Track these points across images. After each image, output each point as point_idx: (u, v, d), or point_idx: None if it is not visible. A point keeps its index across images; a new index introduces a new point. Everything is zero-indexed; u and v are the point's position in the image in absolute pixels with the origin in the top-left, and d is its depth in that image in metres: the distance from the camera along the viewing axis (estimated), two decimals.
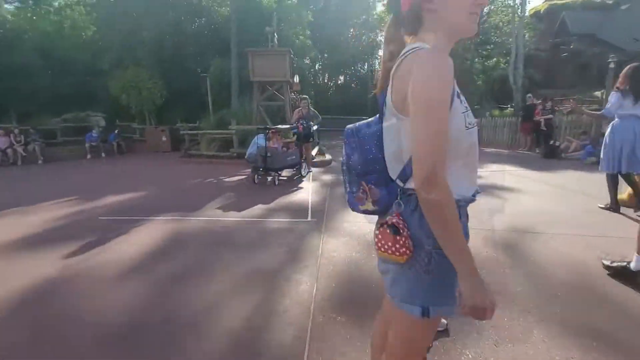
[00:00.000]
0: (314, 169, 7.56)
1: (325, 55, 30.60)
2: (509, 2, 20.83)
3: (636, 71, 3.48)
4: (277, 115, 10.86)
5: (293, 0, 16.71)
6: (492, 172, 6.88)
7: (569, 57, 25.79)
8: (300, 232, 3.55)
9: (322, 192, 5.39)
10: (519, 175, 6.48)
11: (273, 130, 6.30)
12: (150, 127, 13.23)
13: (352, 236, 3.37)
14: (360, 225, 3.64)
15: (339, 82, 34.38)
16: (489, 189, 5.27)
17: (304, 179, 6.56)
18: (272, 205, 4.66)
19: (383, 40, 1.01)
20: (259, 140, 6.34)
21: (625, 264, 2.41)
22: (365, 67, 32.11)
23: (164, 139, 12.69)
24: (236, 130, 9.11)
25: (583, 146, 8.95)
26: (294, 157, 6.51)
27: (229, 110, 10.93)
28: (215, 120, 10.86)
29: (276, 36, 9.61)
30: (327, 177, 6.81)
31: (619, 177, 3.77)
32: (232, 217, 4.14)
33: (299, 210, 4.35)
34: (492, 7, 22.23)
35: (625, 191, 3.93)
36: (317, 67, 32.64)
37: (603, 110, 3.68)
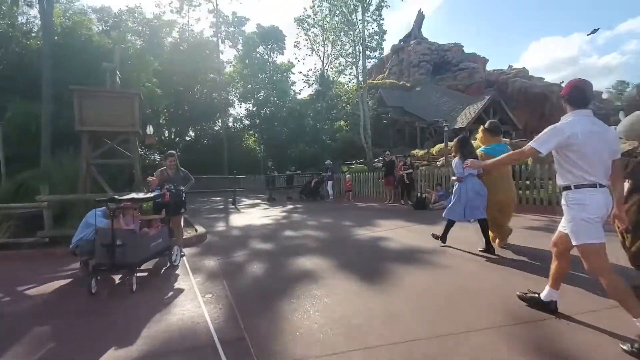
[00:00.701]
0: (185, 250, 5.42)
1: (171, 109, 27.99)
2: (351, 75, 24.14)
3: (461, 142, 4.76)
4: (119, 179, 8.06)
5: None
6: (393, 230, 6.51)
7: (388, 123, 31.82)
8: None
9: (220, 295, 3.49)
10: (415, 231, 6.29)
11: (127, 202, 4.04)
12: None
13: None
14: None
15: (188, 138, 31.83)
16: (420, 254, 4.63)
17: (177, 272, 4.42)
18: (139, 345, 2.50)
19: None
20: (98, 219, 3.98)
21: (537, 294, 2.76)
22: (219, 123, 30.90)
23: None
24: (49, 202, 5.98)
25: (439, 196, 10.06)
26: (160, 240, 4.34)
27: (36, 170, 7.44)
28: (10, 188, 7.14)
29: (118, 74, 7.29)
30: (211, 263, 4.84)
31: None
32: None
33: (197, 352, 2.41)
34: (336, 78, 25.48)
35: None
36: (161, 120, 29.35)
37: (457, 173, 4.70)
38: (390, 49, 45.84)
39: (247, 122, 31.05)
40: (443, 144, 25.36)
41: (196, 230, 6.81)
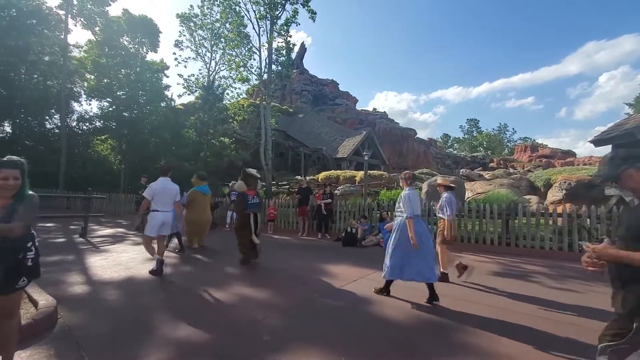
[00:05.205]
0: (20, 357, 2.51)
1: None
2: (248, 87, 22.16)
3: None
4: None
5: None
6: (356, 282, 4.99)
7: (272, 145, 30.95)
8: None
9: None
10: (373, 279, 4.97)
11: None
12: None
13: None
14: None
15: (1, 134, 23.03)
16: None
17: None
18: None
19: None
20: None
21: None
22: (56, 120, 23.40)
23: None
24: None
25: (365, 231, 9.22)
26: None
27: None
28: None
29: None
30: None
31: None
32: None
33: None
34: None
35: None
36: None
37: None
38: (275, 73, 45.96)
39: (99, 124, 24.45)
40: (328, 172, 25.75)
41: (34, 304, 3.63)
